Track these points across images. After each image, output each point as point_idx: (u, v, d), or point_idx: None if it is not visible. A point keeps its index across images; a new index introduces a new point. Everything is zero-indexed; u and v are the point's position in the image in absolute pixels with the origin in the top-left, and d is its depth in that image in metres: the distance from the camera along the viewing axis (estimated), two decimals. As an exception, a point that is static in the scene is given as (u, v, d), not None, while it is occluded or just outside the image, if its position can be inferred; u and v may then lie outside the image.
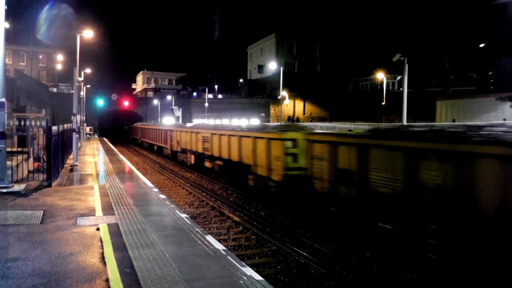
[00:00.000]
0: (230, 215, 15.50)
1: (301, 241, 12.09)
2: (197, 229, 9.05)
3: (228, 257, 7.32)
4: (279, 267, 10.30)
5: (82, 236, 8.42)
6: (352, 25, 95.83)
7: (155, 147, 43.59)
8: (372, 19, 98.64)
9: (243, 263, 7.09)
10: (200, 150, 26.09)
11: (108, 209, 10.94)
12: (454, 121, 39.88)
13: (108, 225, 9.32)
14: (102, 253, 7.37)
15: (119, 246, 7.78)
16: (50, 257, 7.14)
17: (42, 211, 10.44)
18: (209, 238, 8.44)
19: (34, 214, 10.11)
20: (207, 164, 25.40)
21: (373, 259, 10.67)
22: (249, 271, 6.70)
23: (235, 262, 7.03)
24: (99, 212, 10.63)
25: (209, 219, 15.14)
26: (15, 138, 20.12)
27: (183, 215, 10.37)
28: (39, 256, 7.17)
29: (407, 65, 24.52)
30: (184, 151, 30.62)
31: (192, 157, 28.34)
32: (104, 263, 6.88)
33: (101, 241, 8.08)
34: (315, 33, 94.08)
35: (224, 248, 7.81)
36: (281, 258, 10.84)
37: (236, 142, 20.45)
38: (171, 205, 11.64)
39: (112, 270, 6.58)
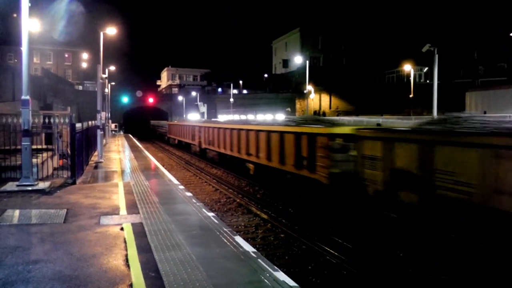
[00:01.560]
0: (258, 212, 15.09)
1: (331, 240, 11.61)
2: (225, 229, 8.62)
3: (259, 260, 6.85)
4: (310, 267, 9.84)
5: (105, 237, 8.07)
6: (377, 18, 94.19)
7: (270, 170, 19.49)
8: (397, 10, 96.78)
9: (275, 267, 6.61)
10: None
11: (132, 208, 10.61)
12: (485, 113, 38.51)
13: (132, 224, 8.96)
14: (126, 255, 6.99)
15: (144, 248, 7.39)
16: (72, 259, 6.80)
17: (65, 210, 10.17)
18: (238, 238, 8.00)
19: (57, 213, 9.85)
20: None
21: (407, 257, 10.15)
22: (282, 276, 6.23)
23: (266, 266, 6.56)
24: (123, 210, 10.30)
25: (236, 216, 14.77)
26: (43, 135, 20.07)
27: (210, 214, 9.96)
28: (60, 258, 6.83)
29: (437, 55, 23.62)
30: None
31: None
32: (128, 266, 6.49)
33: (125, 242, 7.71)
34: (340, 26, 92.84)
35: (254, 250, 7.35)
36: (311, 258, 10.37)
37: None
38: (198, 203, 11.25)
39: (136, 274, 6.18)
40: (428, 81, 76.16)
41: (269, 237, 12.21)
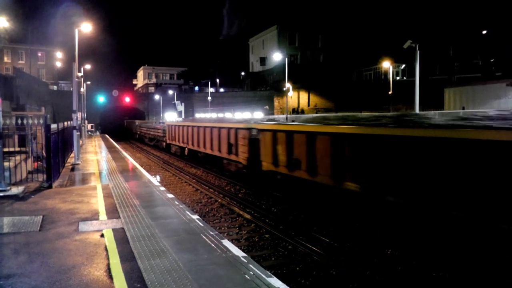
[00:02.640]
0: (241, 212, 14.76)
1: (318, 239, 11.35)
2: (211, 233, 8.21)
3: (250, 265, 6.47)
4: (298, 268, 9.55)
5: (85, 245, 7.57)
6: (353, 15, 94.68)
7: None
8: (372, 8, 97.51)
9: (268, 272, 6.24)
10: None
11: (112, 212, 10.10)
12: (463, 108, 38.92)
13: (114, 230, 8.47)
14: (108, 265, 6.51)
15: (127, 256, 6.93)
16: (50, 271, 6.28)
17: (41, 216, 9.60)
18: (226, 243, 7.59)
19: (33, 220, 9.27)
20: None
21: (395, 255, 10.00)
22: (276, 282, 5.86)
23: (259, 272, 6.18)
24: (103, 215, 9.78)
25: (218, 217, 14.43)
26: (16, 137, 19.30)
27: (195, 217, 9.53)
28: (36, 271, 6.29)
29: (418, 51, 23.59)
30: None
31: None
32: (111, 277, 6.02)
33: (106, 250, 7.23)
34: (317, 23, 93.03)
35: (245, 255, 6.94)
36: (299, 259, 10.09)
37: None
38: (180, 206, 10.80)
39: (121, 286, 5.73)
40: (405, 78, 76.90)
41: (253, 238, 11.90)
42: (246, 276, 6.05)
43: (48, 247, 7.45)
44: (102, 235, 8.12)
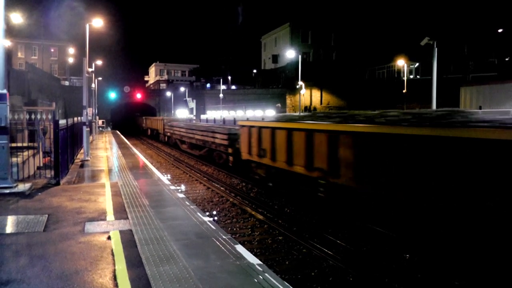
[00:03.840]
0: (253, 212, 14.33)
1: (333, 242, 10.89)
2: (224, 237, 7.74)
3: (266, 274, 5.97)
4: (313, 273, 9.11)
5: (90, 248, 7.12)
6: (366, 13, 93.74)
7: None
8: (386, 6, 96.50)
9: (285, 283, 5.76)
10: None
11: (120, 212, 9.67)
12: (480, 108, 38.03)
13: (121, 232, 8.02)
14: (114, 271, 6.05)
15: (134, 261, 6.46)
16: (50, 277, 5.83)
17: (46, 216, 9.18)
18: (240, 248, 7.10)
19: (37, 219, 8.86)
20: None
21: (414, 260, 9.56)
22: (294, 294, 5.40)
23: (276, 283, 5.67)
24: (110, 215, 9.34)
25: (230, 217, 14.02)
26: (26, 132, 19.02)
27: (206, 219, 9.06)
28: (37, 277, 5.85)
29: (436, 49, 22.91)
30: None
31: None
32: (116, 286, 5.57)
33: (113, 254, 6.77)
34: (330, 21, 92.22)
35: (260, 263, 6.44)
36: (314, 263, 9.64)
37: None
38: (191, 206, 10.34)
39: (126, 296, 5.30)
40: (418, 76, 75.90)
41: (266, 240, 11.47)
42: (263, 286, 5.58)
43: (51, 250, 7.01)
44: (108, 237, 7.69)
